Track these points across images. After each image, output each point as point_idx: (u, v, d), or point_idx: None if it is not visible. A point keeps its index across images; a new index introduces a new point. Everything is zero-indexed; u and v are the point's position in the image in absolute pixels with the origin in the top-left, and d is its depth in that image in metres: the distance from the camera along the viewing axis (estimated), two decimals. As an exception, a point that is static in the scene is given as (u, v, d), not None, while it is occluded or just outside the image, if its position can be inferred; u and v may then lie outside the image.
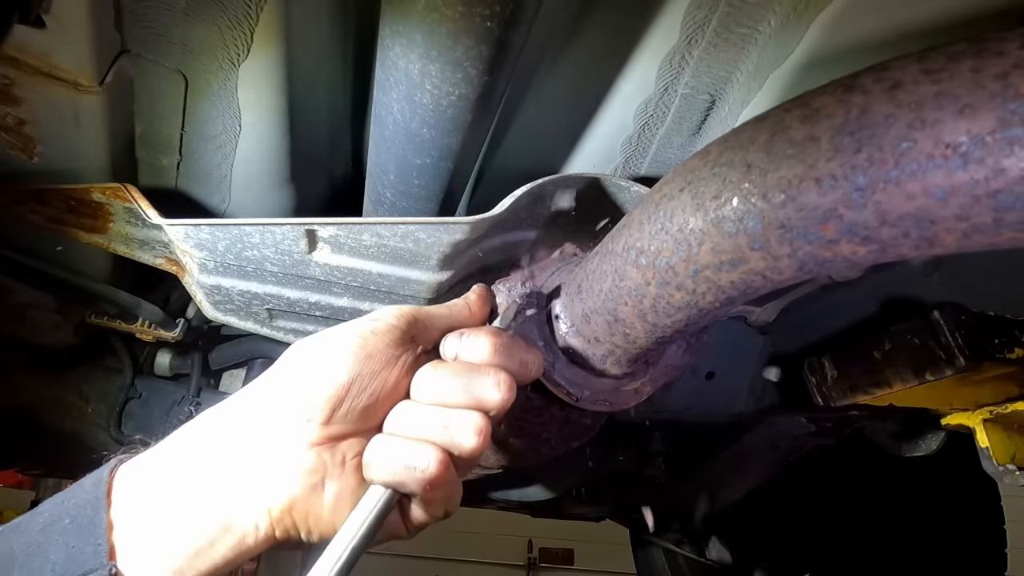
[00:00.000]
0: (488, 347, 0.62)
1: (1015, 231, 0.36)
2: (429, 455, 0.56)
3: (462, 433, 0.57)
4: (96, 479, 0.56)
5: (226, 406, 0.60)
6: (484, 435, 0.58)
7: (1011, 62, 0.36)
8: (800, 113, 0.42)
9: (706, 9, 0.74)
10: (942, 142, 0.36)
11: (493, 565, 6.61)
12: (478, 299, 0.71)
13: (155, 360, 1.36)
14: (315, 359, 0.59)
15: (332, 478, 0.57)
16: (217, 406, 0.60)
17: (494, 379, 0.60)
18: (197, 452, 0.57)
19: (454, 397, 0.59)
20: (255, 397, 0.59)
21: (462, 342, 0.63)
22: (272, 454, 0.56)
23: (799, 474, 1.69)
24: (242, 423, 0.58)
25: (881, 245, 0.40)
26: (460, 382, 0.59)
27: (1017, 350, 1.09)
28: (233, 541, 0.55)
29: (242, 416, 0.59)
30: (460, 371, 0.60)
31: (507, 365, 0.62)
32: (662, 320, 0.56)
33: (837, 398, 1.26)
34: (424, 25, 0.62)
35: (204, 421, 0.59)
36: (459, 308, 0.70)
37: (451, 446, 0.57)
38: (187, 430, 0.59)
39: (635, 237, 0.54)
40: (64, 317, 1.18)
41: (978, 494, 1.81)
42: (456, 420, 0.58)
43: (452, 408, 0.59)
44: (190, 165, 0.96)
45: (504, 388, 0.59)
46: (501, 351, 0.62)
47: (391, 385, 0.59)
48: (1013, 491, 1.30)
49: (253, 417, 0.58)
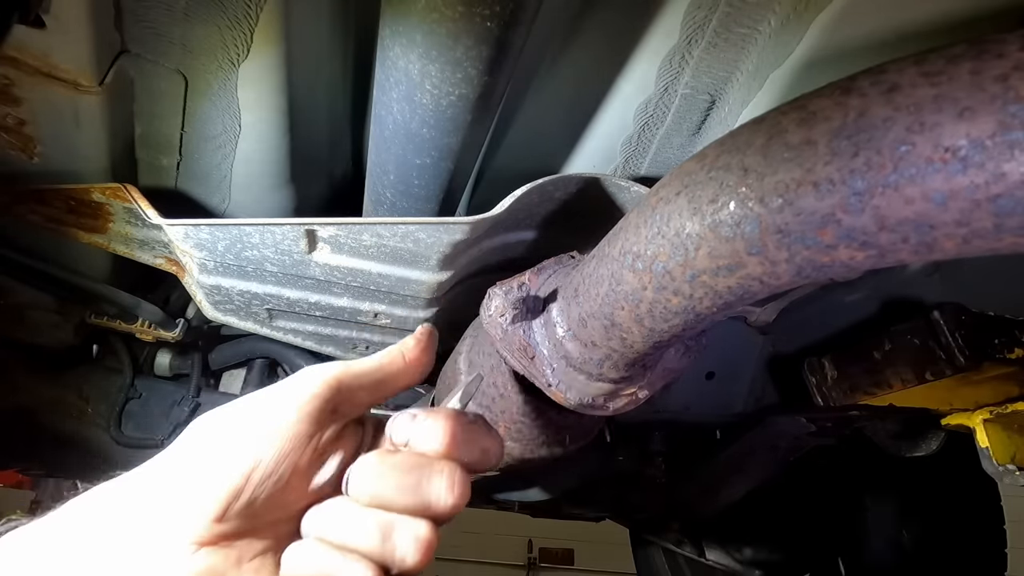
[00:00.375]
0: (445, 436, 0.52)
1: (1016, 236, 0.36)
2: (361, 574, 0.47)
3: (404, 547, 0.48)
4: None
5: (116, 487, 0.50)
6: (430, 550, 0.49)
7: (1011, 64, 0.35)
8: (797, 116, 0.41)
9: (706, 9, 0.74)
10: (941, 146, 0.36)
11: (493, 565, 6.61)
12: (416, 347, 0.58)
13: (155, 360, 1.36)
14: (215, 438, 0.49)
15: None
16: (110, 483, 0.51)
17: (448, 479, 0.50)
18: (68, 545, 0.48)
19: (399, 500, 0.49)
20: (146, 481, 0.50)
21: (415, 426, 0.53)
22: (155, 555, 0.46)
23: (799, 474, 1.69)
24: (127, 514, 0.48)
25: (880, 250, 0.40)
26: (409, 481, 0.50)
27: (1017, 350, 1.09)
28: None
29: (129, 504, 0.49)
30: (409, 467, 0.50)
31: (466, 457, 0.52)
32: (659, 325, 0.56)
33: (837, 398, 1.26)
34: (424, 25, 0.62)
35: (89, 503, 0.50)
36: (392, 361, 0.57)
37: (390, 563, 0.48)
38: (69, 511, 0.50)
39: (631, 241, 0.54)
40: (64, 317, 1.18)
41: (978, 494, 1.81)
42: (399, 530, 0.49)
43: (395, 512, 0.50)
44: (190, 165, 0.96)
45: (458, 490, 0.50)
46: (459, 440, 0.52)
47: (302, 469, 0.49)
48: (1013, 491, 1.30)
49: (138, 506, 0.48)
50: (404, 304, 1.02)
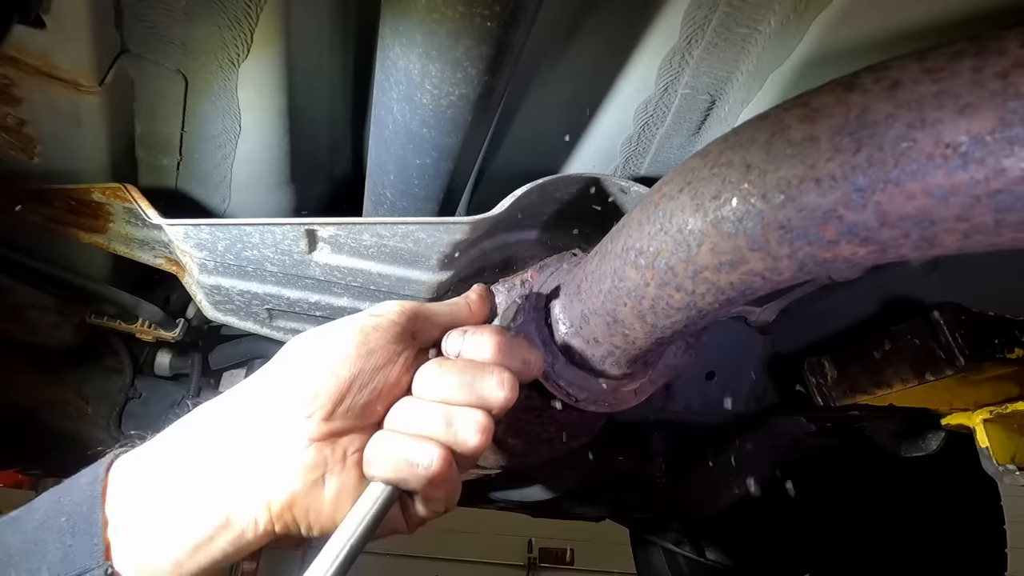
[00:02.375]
0: (492, 345, 0.62)
1: (1015, 231, 0.36)
2: (432, 452, 0.56)
3: (465, 431, 0.57)
4: (92, 476, 0.56)
5: (225, 400, 0.59)
6: (487, 433, 0.58)
7: (1011, 61, 0.36)
8: (800, 113, 0.42)
9: (706, 9, 0.74)
10: (942, 142, 0.36)
11: (493, 565, 6.61)
12: (478, 298, 0.71)
13: (155, 360, 1.36)
14: (316, 354, 0.58)
15: (333, 474, 0.56)
16: (215, 400, 0.60)
17: (498, 378, 0.59)
18: (195, 447, 0.57)
19: (458, 395, 0.59)
20: (255, 392, 0.59)
21: (465, 340, 0.63)
22: (272, 449, 0.55)
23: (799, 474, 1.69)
24: (241, 418, 0.57)
25: (881, 246, 0.40)
26: (464, 380, 0.59)
27: (1017, 350, 1.09)
28: (233, 536, 0.54)
29: (241, 411, 0.58)
30: (464, 369, 0.60)
31: (510, 364, 0.62)
32: (661, 321, 0.56)
33: (837, 398, 1.26)
34: (424, 25, 0.62)
35: (202, 415, 0.59)
36: (460, 307, 0.69)
37: (454, 443, 0.57)
38: (185, 424, 0.59)
39: (634, 238, 0.54)
40: (64, 317, 1.18)
41: (978, 494, 1.81)
42: (460, 418, 0.58)
43: (455, 406, 0.58)
44: (190, 165, 0.96)
45: (507, 387, 0.59)
46: (504, 350, 0.62)
47: (392, 382, 0.59)
48: (1013, 491, 1.30)
49: (253, 412, 0.57)
50: (405, 303, 1.02)
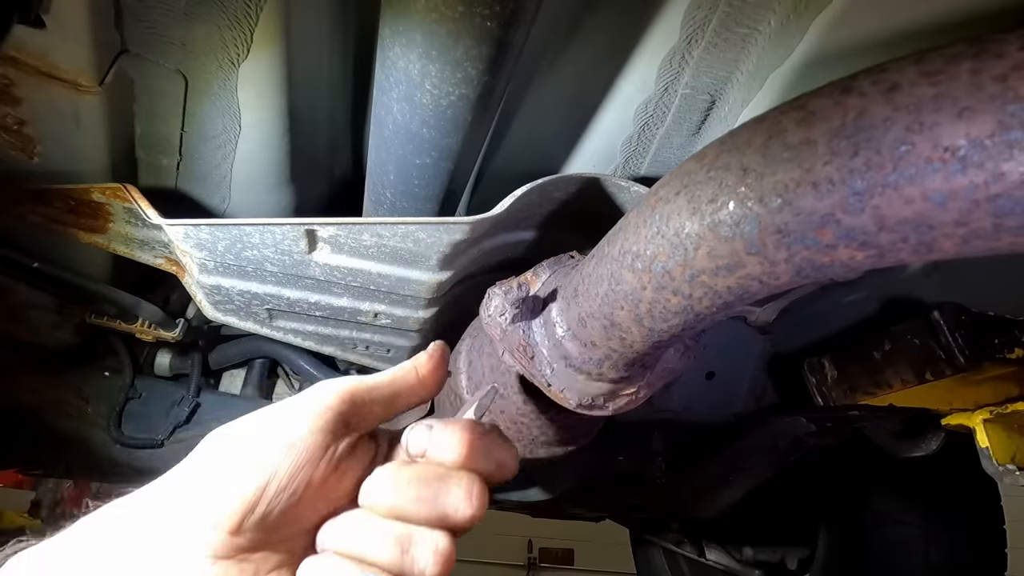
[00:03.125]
0: (462, 446, 0.52)
1: (1014, 236, 0.36)
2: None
3: (423, 559, 0.48)
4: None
5: (128, 502, 0.50)
6: (449, 563, 0.49)
7: (1010, 64, 0.35)
8: (796, 116, 0.41)
9: (706, 9, 0.74)
10: (940, 145, 0.36)
11: (493, 565, 6.61)
12: (429, 362, 0.58)
13: (155, 360, 1.36)
14: (229, 450, 0.49)
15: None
16: (122, 499, 0.50)
17: (466, 489, 0.50)
18: (86, 559, 0.48)
19: (417, 512, 0.49)
20: (159, 495, 0.49)
21: (432, 437, 0.53)
22: (171, 567, 0.46)
23: (799, 473, 1.69)
24: (139, 527, 0.48)
25: (879, 250, 0.40)
26: (426, 492, 0.49)
27: (1017, 350, 1.09)
28: None
29: (142, 518, 0.49)
30: (427, 478, 0.50)
31: (482, 468, 0.52)
32: (659, 325, 0.56)
33: (837, 398, 1.26)
34: (424, 25, 0.62)
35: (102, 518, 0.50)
36: (404, 376, 0.57)
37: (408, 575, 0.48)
38: (84, 527, 0.50)
39: (631, 241, 0.54)
40: (64, 317, 1.18)
41: (978, 494, 1.81)
42: (417, 542, 0.48)
43: (413, 526, 0.49)
44: (190, 165, 0.96)
45: (476, 500, 0.50)
46: (476, 451, 0.52)
47: (317, 483, 0.49)
48: (1013, 491, 1.30)
49: (151, 521, 0.48)
50: (404, 304, 1.02)
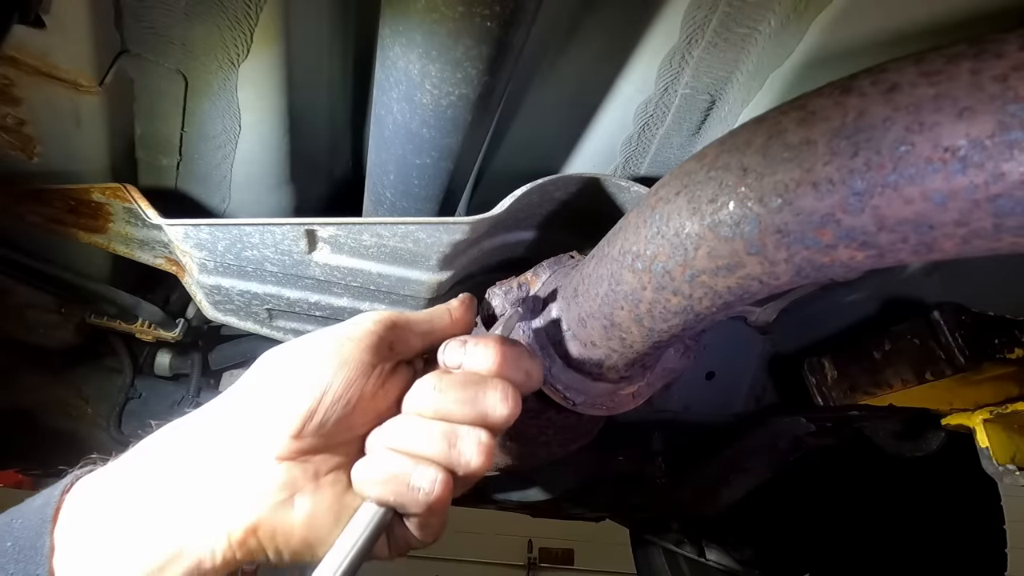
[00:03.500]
0: (495, 357, 0.58)
1: (1015, 236, 0.36)
2: (434, 476, 0.52)
3: (468, 451, 0.54)
4: (46, 498, 0.52)
5: (192, 418, 0.56)
6: (490, 453, 0.55)
7: (1010, 64, 0.35)
8: (797, 116, 0.41)
9: (706, 9, 0.74)
10: (940, 146, 0.36)
11: (493, 565, 6.61)
12: (461, 307, 0.66)
13: (155, 360, 1.36)
14: (286, 367, 0.55)
15: (304, 494, 0.53)
16: (183, 418, 0.56)
17: (502, 392, 0.56)
18: (155, 470, 0.53)
19: (459, 412, 0.55)
20: (222, 409, 0.55)
21: (467, 351, 0.59)
22: (235, 471, 0.52)
23: (799, 474, 1.69)
24: (205, 438, 0.54)
25: (879, 250, 0.40)
26: (466, 395, 0.55)
27: (1017, 350, 1.09)
28: (185, 567, 0.50)
29: (205, 430, 0.54)
30: (466, 383, 0.56)
31: (512, 376, 0.58)
32: (659, 325, 0.56)
33: (837, 398, 1.26)
34: (424, 25, 0.62)
35: (166, 435, 0.55)
36: (440, 316, 0.64)
37: (456, 465, 0.54)
38: (148, 445, 0.55)
39: (631, 241, 0.54)
40: (64, 317, 1.18)
41: (978, 494, 1.81)
42: (462, 437, 0.54)
43: (456, 423, 0.55)
44: (190, 165, 0.96)
45: (511, 401, 0.56)
46: (507, 361, 0.59)
47: (367, 395, 0.55)
48: (1013, 491, 1.30)
49: (218, 430, 0.54)
50: (404, 304, 1.02)
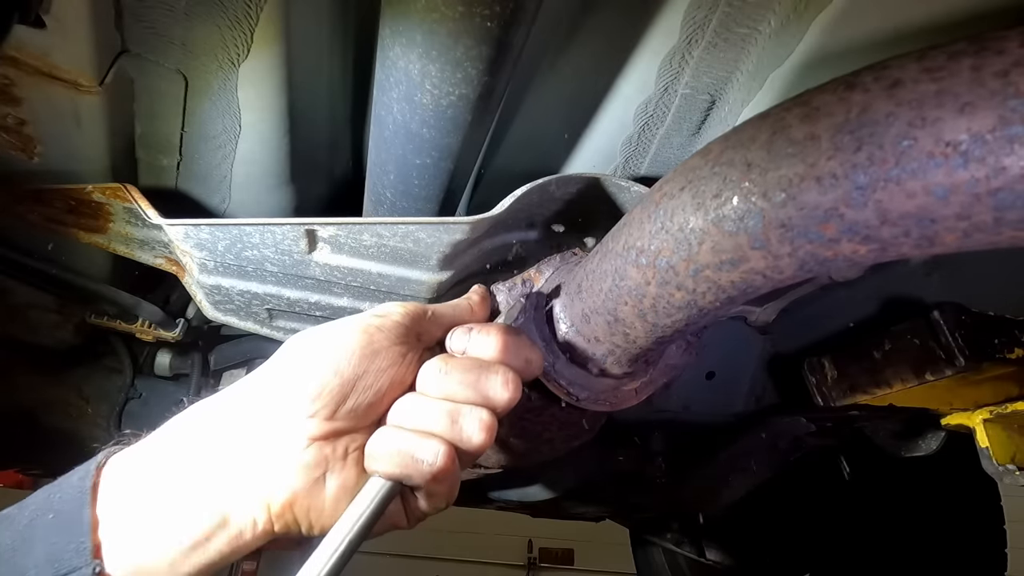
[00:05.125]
0: (497, 344, 0.63)
1: (1015, 230, 0.36)
2: (437, 449, 0.56)
3: (470, 428, 0.58)
4: (83, 472, 0.55)
5: (223, 397, 0.59)
6: (491, 431, 0.59)
7: (1011, 60, 0.36)
8: (800, 111, 0.42)
9: (706, 9, 0.74)
10: (943, 140, 0.36)
11: (493, 565, 6.60)
12: (479, 299, 0.73)
13: (155, 360, 1.35)
14: (319, 353, 0.58)
15: (334, 472, 0.57)
16: (213, 397, 0.59)
17: (503, 377, 0.60)
18: (192, 444, 0.56)
19: (463, 393, 0.59)
20: (255, 389, 0.59)
21: (471, 338, 0.64)
22: (272, 448, 0.55)
23: (799, 474, 1.69)
24: (240, 416, 0.57)
25: (882, 244, 0.40)
26: (469, 378, 0.60)
27: (1017, 350, 1.09)
28: (230, 536, 0.54)
29: (241, 408, 0.58)
30: (470, 367, 0.61)
31: (513, 363, 0.63)
32: (662, 320, 0.56)
33: (837, 398, 1.26)
34: (424, 25, 0.62)
35: (200, 412, 0.59)
36: (462, 307, 0.71)
37: (459, 441, 0.58)
38: (181, 421, 0.58)
39: (635, 236, 0.54)
40: (64, 317, 1.18)
41: (978, 494, 1.81)
42: (465, 415, 0.58)
43: (460, 403, 0.59)
44: (190, 165, 0.96)
45: (512, 386, 0.60)
46: (509, 348, 0.63)
47: (396, 382, 0.59)
48: (1013, 491, 1.30)
49: (252, 410, 0.57)
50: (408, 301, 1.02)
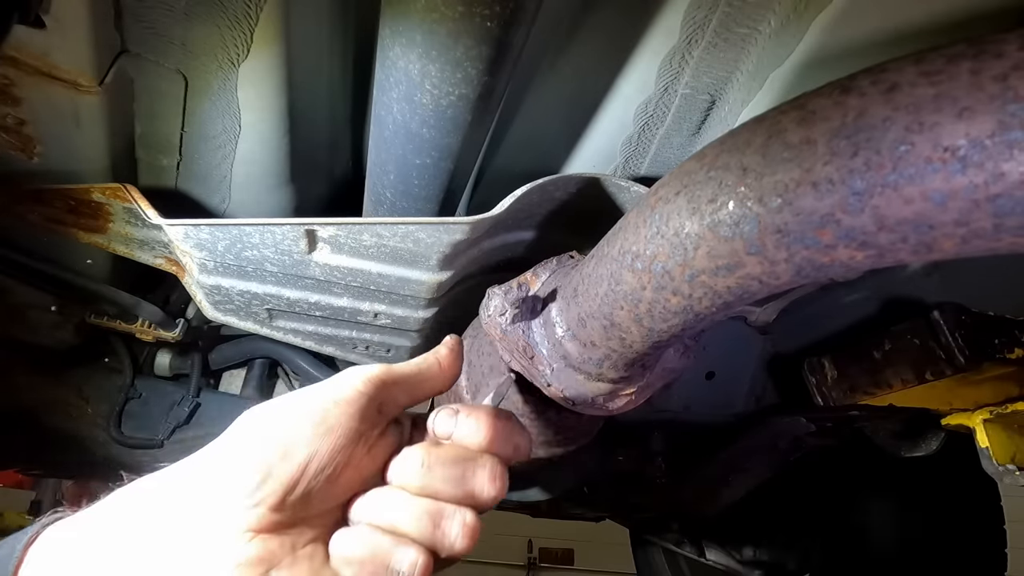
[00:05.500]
0: (485, 432, 0.56)
1: (1014, 236, 0.36)
2: (414, 558, 0.50)
3: (454, 533, 0.52)
4: (9, 550, 0.48)
5: (165, 477, 0.52)
6: (474, 536, 0.52)
7: (1010, 64, 0.35)
8: (796, 115, 0.41)
9: (706, 9, 0.74)
10: (940, 145, 0.36)
11: (493, 565, 6.60)
12: (449, 354, 0.62)
13: (155, 360, 1.36)
14: (267, 432, 0.51)
15: (280, 569, 0.49)
16: (155, 474, 0.52)
17: (491, 472, 0.54)
18: (123, 531, 0.49)
19: (448, 491, 0.53)
20: (197, 471, 0.51)
21: (458, 423, 0.57)
22: (209, 542, 0.48)
23: (799, 474, 1.69)
24: (178, 501, 0.50)
25: (879, 250, 0.40)
26: (455, 473, 0.53)
27: (1017, 350, 1.09)
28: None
29: (180, 494, 0.51)
30: (455, 460, 0.54)
31: (502, 452, 0.57)
32: (658, 325, 0.56)
33: (837, 398, 1.26)
34: (424, 25, 0.62)
35: (137, 494, 0.52)
36: (428, 367, 0.60)
37: (439, 548, 0.52)
38: (118, 501, 0.51)
39: (631, 241, 0.54)
40: (64, 317, 1.18)
41: (978, 494, 1.80)
42: (448, 518, 0.52)
43: (443, 504, 0.53)
44: (190, 165, 0.96)
45: (499, 482, 0.54)
46: (498, 436, 0.56)
47: (352, 464, 0.52)
48: (1013, 491, 1.30)
49: (192, 495, 0.50)
50: (404, 304, 1.02)
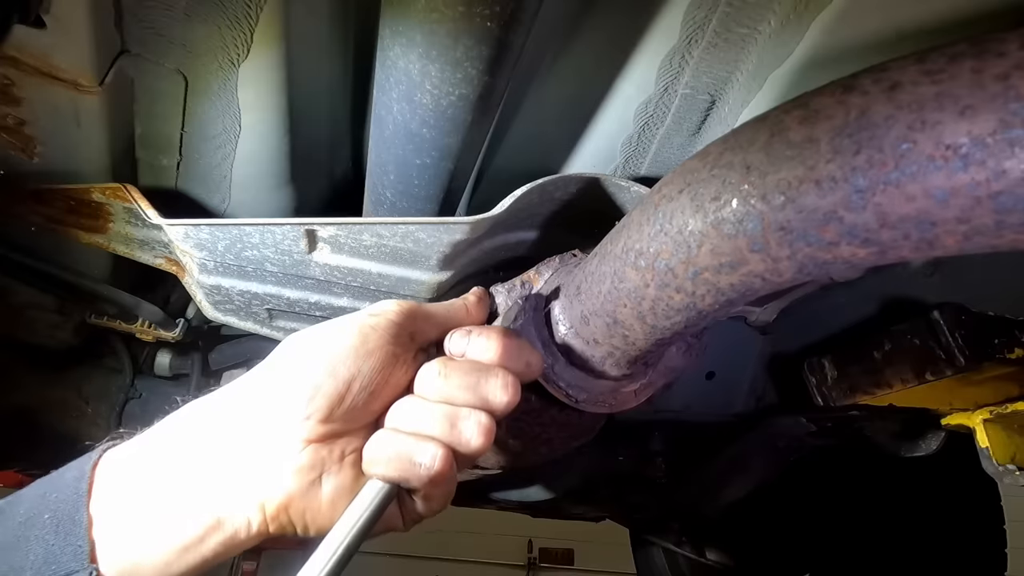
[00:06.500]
0: (496, 347, 0.62)
1: (1016, 233, 0.36)
2: (435, 452, 0.56)
3: (468, 432, 0.58)
4: (78, 472, 0.54)
5: (219, 398, 0.59)
6: (490, 435, 0.58)
7: (1012, 63, 0.36)
8: (799, 114, 0.42)
9: (706, 9, 0.74)
10: (942, 143, 0.36)
11: (493, 565, 6.60)
12: (476, 300, 0.72)
13: (155, 360, 1.36)
14: (313, 354, 0.58)
15: (330, 474, 0.56)
16: (208, 396, 0.59)
17: (502, 380, 0.60)
18: (186, 445, 0.56)
19: (462, 396, 0.59)
20: (250, 391, 0.58)
21: (470, 340, 0.64)
22: (268, 451, 0.55)
23: (799, 474, 1.69)
24: (235, 417, 0.57)
25: (881, 247, 0.40)
26: (469, 381, 0.59)
27: (1017, 350, 1.09)
28: (224, 536, 0.54)
29: (236, 410, 0.57)
30: (469, 370, 0.60)
31: (513, 366, 0.62)
32: (661, 322, 0.56)
33: (837, 398, 1.26)
34: (424, 25, 0.62)
35: (195, 412, 0.59)
36: (458, 308, 0.70)
37: (457, 444, 0.58)
38: (176, 420, 0.58)
39: (634, 239, 0.54)
40: (64, 317, 1.18)
41: (978, 494, 1.81)
42: (463, 419, 0.58)
43: (459, 406, 0.59)
44: (190, 165, 0.96)
45: (511, 389, 0.60)
46: (508, 352, 0.63)
47: (390, 383, 0.59)
48: (1013, 491, 1.30)
49: (247, 412, 0.57)
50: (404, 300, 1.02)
